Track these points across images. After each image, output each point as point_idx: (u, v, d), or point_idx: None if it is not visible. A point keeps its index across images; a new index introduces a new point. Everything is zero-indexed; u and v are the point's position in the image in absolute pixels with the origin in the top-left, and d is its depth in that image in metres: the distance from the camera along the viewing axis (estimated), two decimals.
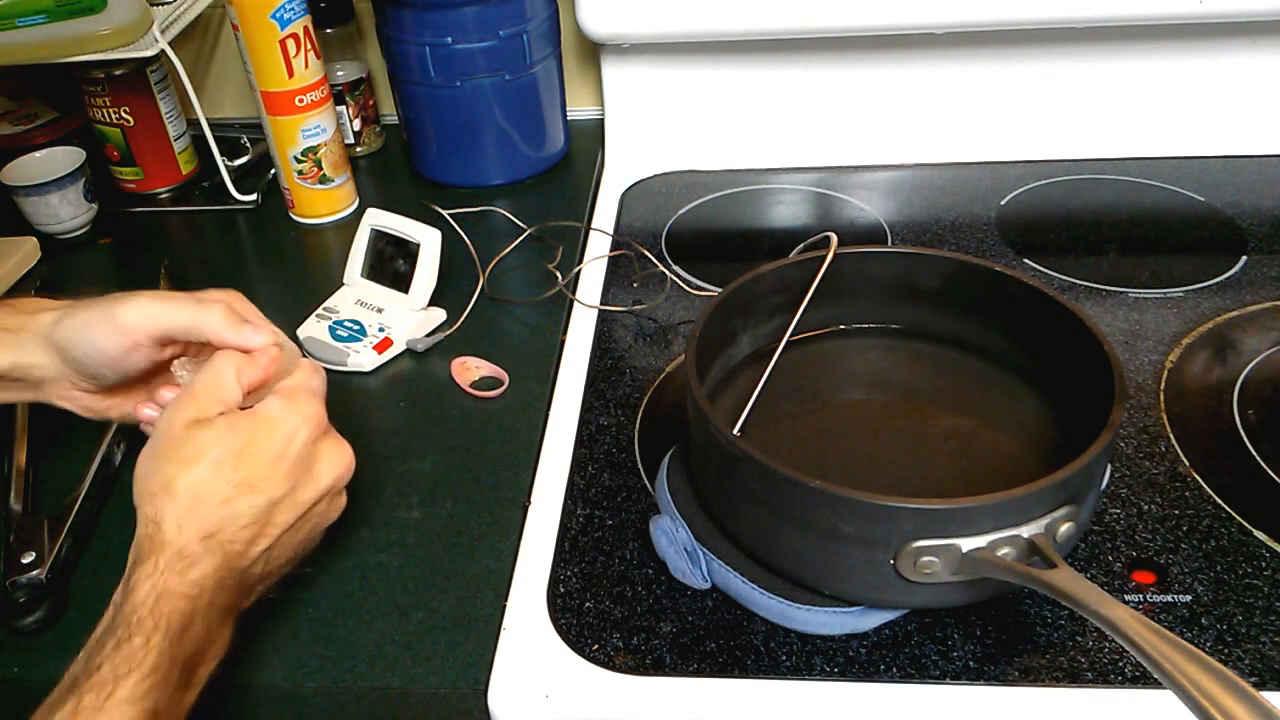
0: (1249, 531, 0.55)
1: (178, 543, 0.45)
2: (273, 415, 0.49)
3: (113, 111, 0.91)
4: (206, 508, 0.46)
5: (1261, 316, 0.72)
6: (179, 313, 0.51)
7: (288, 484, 0.48)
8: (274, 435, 0.48)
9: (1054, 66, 0.90)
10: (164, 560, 0.45)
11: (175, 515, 0.46)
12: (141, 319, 0.51)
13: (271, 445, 0.48)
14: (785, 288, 0.62)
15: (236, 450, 0.47)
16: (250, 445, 0.48)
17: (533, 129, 0.93)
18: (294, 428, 0.49)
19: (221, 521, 0.46)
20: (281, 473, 0.48)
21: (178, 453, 0.47)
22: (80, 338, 0.51)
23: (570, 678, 0.51)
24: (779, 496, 0.48)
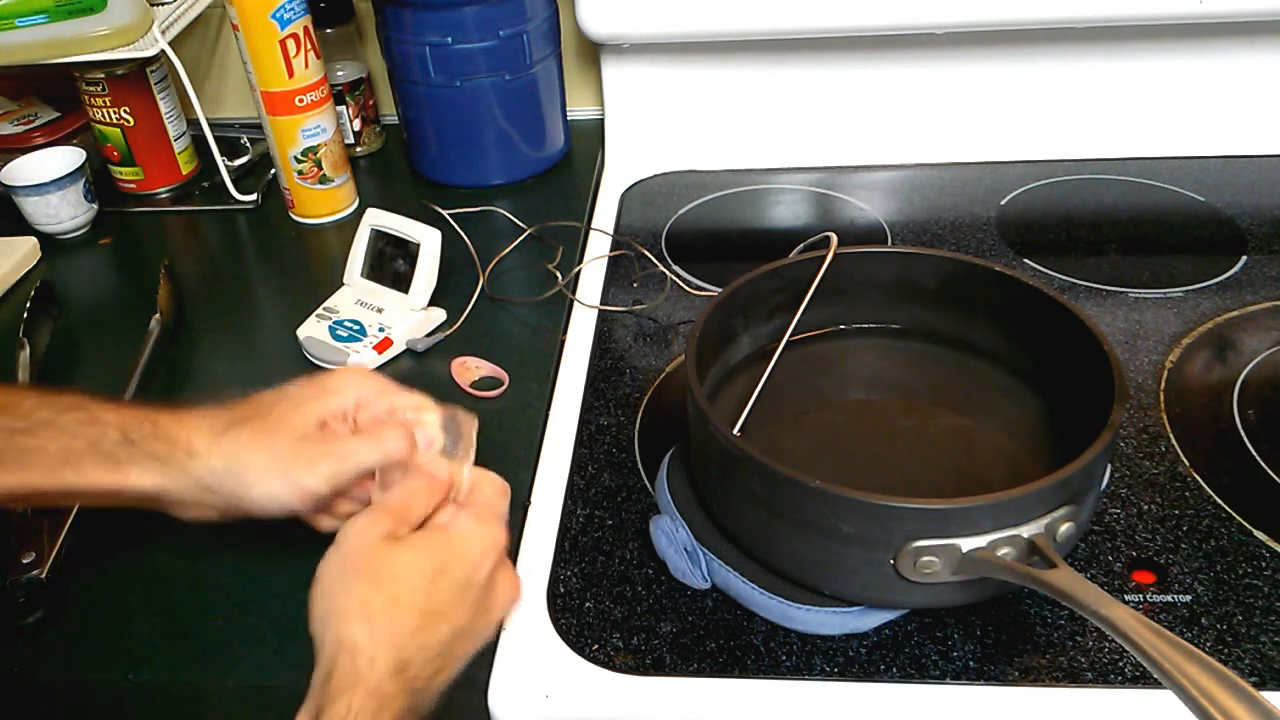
0: (1249, 531, 0.55)
1: (372, 680, 0.43)
2: (465, 537, 0.48)
3: (113, 111, 0.91)
4: (401, 637, 0.44)
5: (1261, 316, 0.72)
6: (361, 457, 0.50)
7: (471, 614, 0.47)
8: (464, 560, 0.47)
9: (1054, 66, 0.90)
10: (357, 701, 0.42)
11: (370, 645, 0.43)
12: (327, 486, 0.49)
13: (461, 571, 0.47)
14: (785, 288, 0.62)
15: (430, 575, 0.46)
16: (442, 571, 0.46)
17: (533, 129, 0.93)
18: (482, 553, 0.48)
19: (414, 654, 0.44)
20: (468, 602, 0.47)
21: (371, 570, 0.45)
22: (257, 491, 0.49)
23: (570, 678, 0.51)
24: (779, 496, 0.48)
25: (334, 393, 0.52)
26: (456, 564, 0.47)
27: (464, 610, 0.46)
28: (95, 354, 0.77)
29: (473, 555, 0.47)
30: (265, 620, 0.54)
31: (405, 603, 0.44)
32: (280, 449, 0.49)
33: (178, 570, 0.58)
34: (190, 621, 0.55)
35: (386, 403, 0.53)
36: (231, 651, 0.53)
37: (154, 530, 0.60)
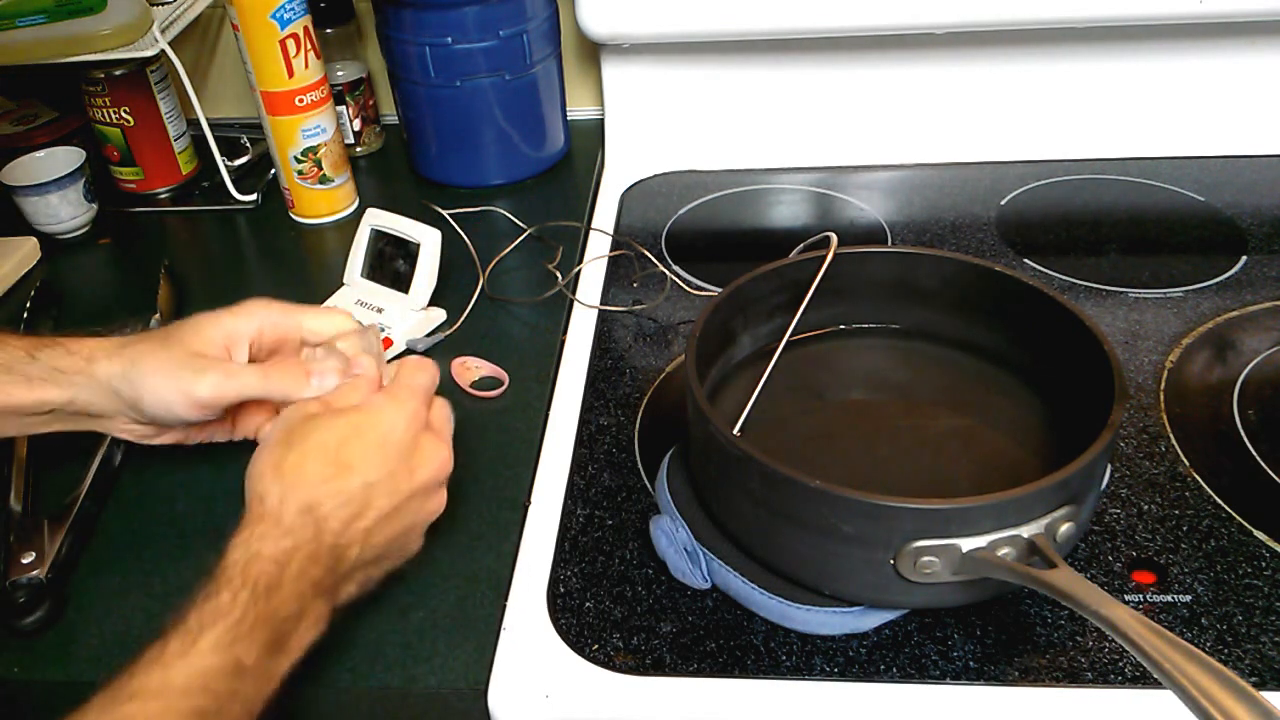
0: (1249, 531, 0.55)
1: (276, 513, 0.47)
2: (376, 407, 0.52)
3: (113, 111, 0.91)
4: (308, 484, 0.48)
5: (1261, 316, 0.72)
6: (246, 382, 0.54)
7: (385, 470, 0.50)
8: (376, 425, 0.51)
9: (1054, 66, 0.90)
10: (260, 529, 0.47)
11: (279, 490, 0.48)
12: (213, 396, 0.53)
13: (373, 434, 0.50)
14: (785, 288, 0.62)
15: (341, 437, 0.50)
16: (354, 434, 0.50)
17: (533, 129, 0.93)
18: (394, 420, 0.51)
19: (321, 497, 0.48)
20: (380, 458, 0.50)
21: (289, 440, 0.50)
22: (150, 396, 0.53)
23: (570, 678, 0.51)
24: (779, 496, 0.48)
25: (236, 315, 0.56)
26: (369, 427, 0.51)
27: (378, 465, 0.50)
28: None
29: (387, 420, 0.51)
30: None
31: (314, 456, 0.49)
32: (174, 358, 0.53)
33: (178, 570, 0.58)
34: None
35: (294, 321, 0.57)
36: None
37: (154, 530, 0.60)
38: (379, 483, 0.50)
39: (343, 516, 0.48)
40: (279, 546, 0.46)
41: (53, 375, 0.53)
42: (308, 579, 0.46)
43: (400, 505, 0.51)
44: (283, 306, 0.58)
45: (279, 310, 0.57)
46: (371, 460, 0.50)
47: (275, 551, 0.46)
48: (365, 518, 0.49)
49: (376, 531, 0.50)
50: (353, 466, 0.49)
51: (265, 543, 0.46)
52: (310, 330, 0.58)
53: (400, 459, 0.51)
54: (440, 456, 0.53)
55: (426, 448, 0.52)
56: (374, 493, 0.49)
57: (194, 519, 0.61)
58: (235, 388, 0.53)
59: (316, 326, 0.58)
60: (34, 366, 0.53)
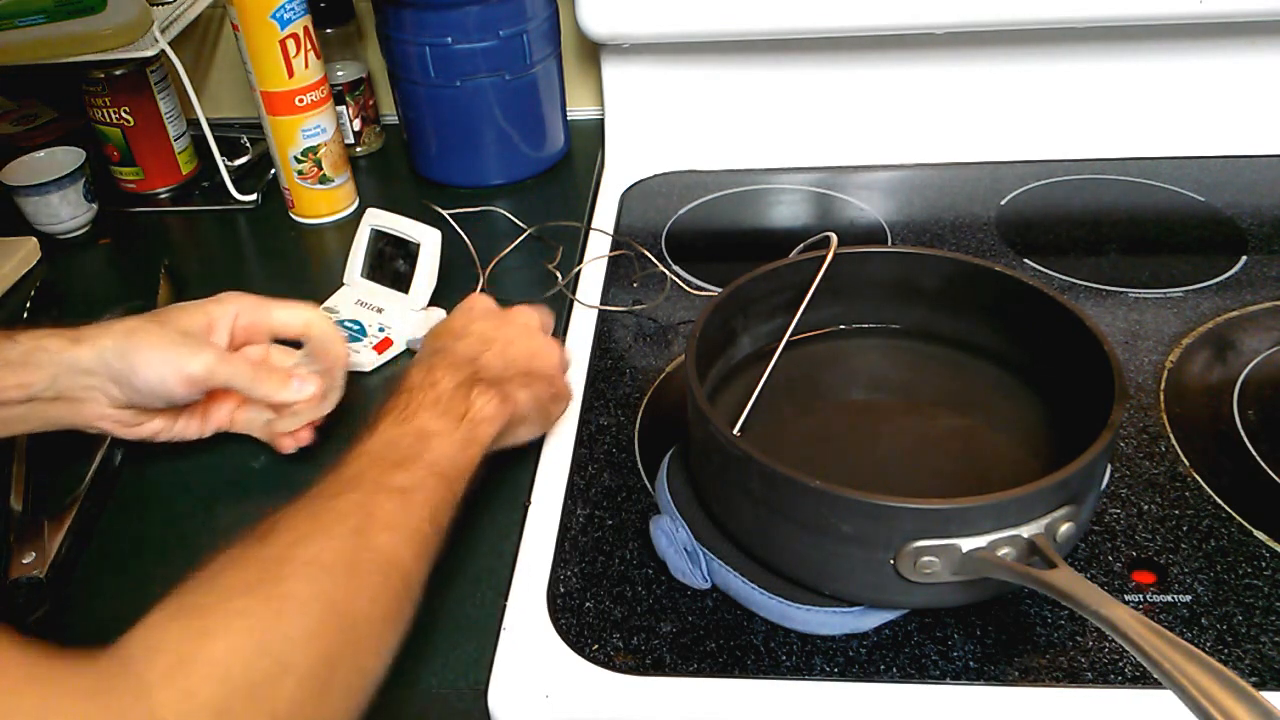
0: (1249, 531, 0.55)
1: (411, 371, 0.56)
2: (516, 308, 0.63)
3: (113, 111, 0.91)
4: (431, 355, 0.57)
5: (1261, 316, 0.72)
6: (236, 375, 0.57)
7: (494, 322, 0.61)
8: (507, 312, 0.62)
9: (1054, 66, 0.90)
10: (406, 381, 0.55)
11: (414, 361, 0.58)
12: (206, 374, 0.55)
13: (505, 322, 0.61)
14: (785, 288, 0.62)
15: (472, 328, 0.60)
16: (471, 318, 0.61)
17: (533, 129, 0.93)
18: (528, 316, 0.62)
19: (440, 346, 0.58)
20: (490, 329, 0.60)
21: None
22: (144, 368, 0.54)
23: (570, 678, 0.51)
24: (779, 496, 0.48)
25: (216, 301, 0.60)
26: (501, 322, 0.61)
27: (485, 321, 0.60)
28: None
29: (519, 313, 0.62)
30: None
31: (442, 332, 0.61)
32: (169, 335, 0.56)
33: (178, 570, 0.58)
34: None
35: (265, 311, 0.61)
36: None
37: (154, 530, 0.60)
38: (492, 328, 0.60)
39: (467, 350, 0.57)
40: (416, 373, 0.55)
41: (34, 354, 0.54)
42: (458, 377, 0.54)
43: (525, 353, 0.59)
44: (255, 299, 0.61)
45: (251, 302, 0.60)
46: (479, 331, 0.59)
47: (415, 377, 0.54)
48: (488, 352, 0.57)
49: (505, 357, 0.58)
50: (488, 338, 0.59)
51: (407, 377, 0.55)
52: (280, 321, 0.61)
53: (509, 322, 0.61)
54: (553, 347, 0.62)
55: (541, 338, 0.61)
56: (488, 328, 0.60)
57: (194, 519, 0.61)
58: (227, 371, 0.56)
59: (286, 318, 0.61)
60: (14, 349, 0.54)
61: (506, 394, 0.55)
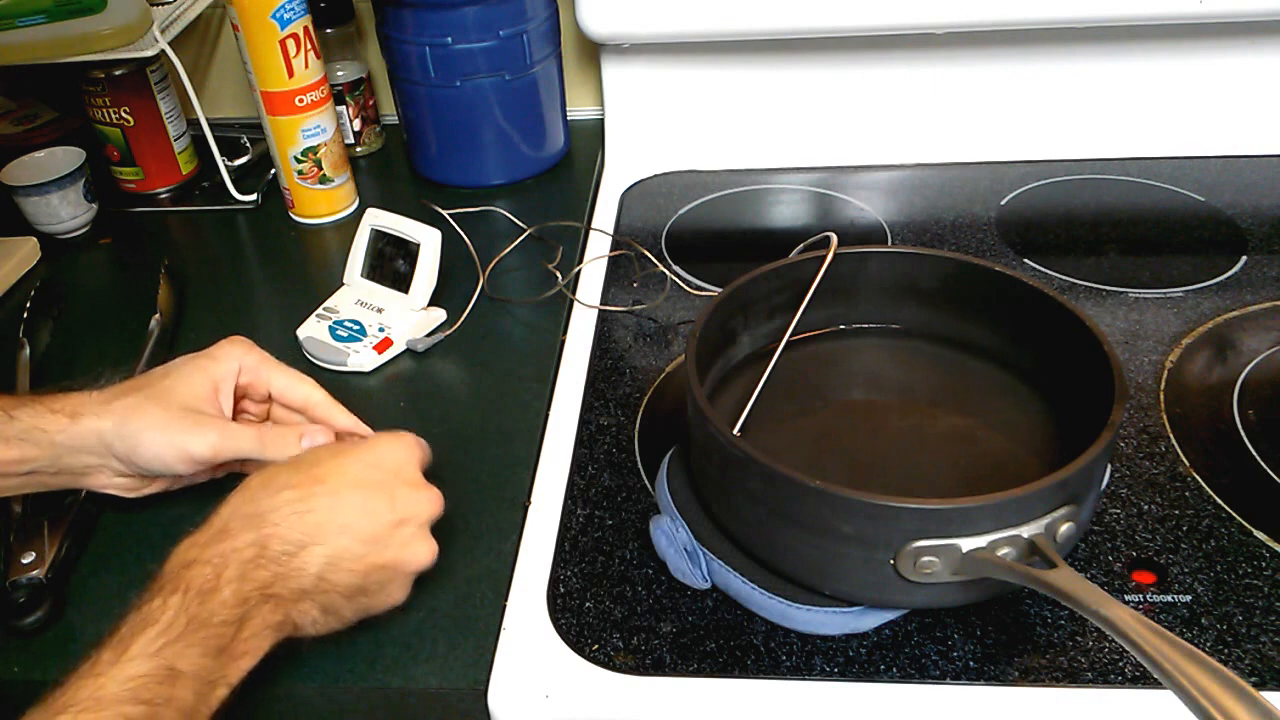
0: (1249, 531, 0.55)
1: (223, 520, 0.47)
2: (371, 439, 0.53)
3: (113, 111, 0.91)
4: (266, 493, 0.48)
5: (1261, 316, 0.72)
6: (242, 444, 0.54)
7: (361, 490, 0.49)
8: (366, 451, 0.51)
9: (1054, 66, 0.90)
10: (202, 536, 0.46)
11: (235, 501, 0.48)
12: (211, 455, 0.54)
13: (359, 457, 0.50)
14: (785, 288, 0.62)
15: (322, 457, 0.50)
16: (335, 454, 0.50)
17: (533, 129, 0.93)
18: (387, 450, 0.51)
19: (276, 504, 0.47)
20: (359, 478, 0.49)
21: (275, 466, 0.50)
22: (146, 451, 0.53)
23: (570, 678, 0.51)
24: (779, 496, 0.48)
25: (218, 360, 0.57)
26: (355, 451, 0.51)
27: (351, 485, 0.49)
28: (95, 354, 0.77)
29: (377, 449, 0.51)
30: None
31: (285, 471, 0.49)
32: (169, 415, 0.53)
33: None
34: None
35: (266, 374, 0.59)
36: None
37: (154, 530, 0.60)
38: (350, 500, 0.48)
39: (299, 525, 0.46)
40: (216, 549, 0.45)
41: (33, 434, 0.52)
42: (252, 582, 0.45)
43: (378, 534, 0.48)
44: (258, 356, 0.59)
45: (256, 358, 0.59)
46: (347, 478, 0.49)
47: (212, 554, 0.44)
48: (328, 530, 0.47)
49: (346, 554, 0.47)
50: (323, 479, 0.48)
51: (205, 549, 0.45)
52: (279, 390, 0.59)
53: (380, 486, 0.49)
54: (430, 494, 0.51)
55: (414, 481, 0.51)
56: (343, 507, 0.48)
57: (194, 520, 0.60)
58: (233, 447, 0.54)
59: (282, 387, 0.59)
60: (13, 426, 0.52)
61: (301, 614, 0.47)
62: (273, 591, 0.45)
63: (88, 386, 0.55)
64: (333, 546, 0.47)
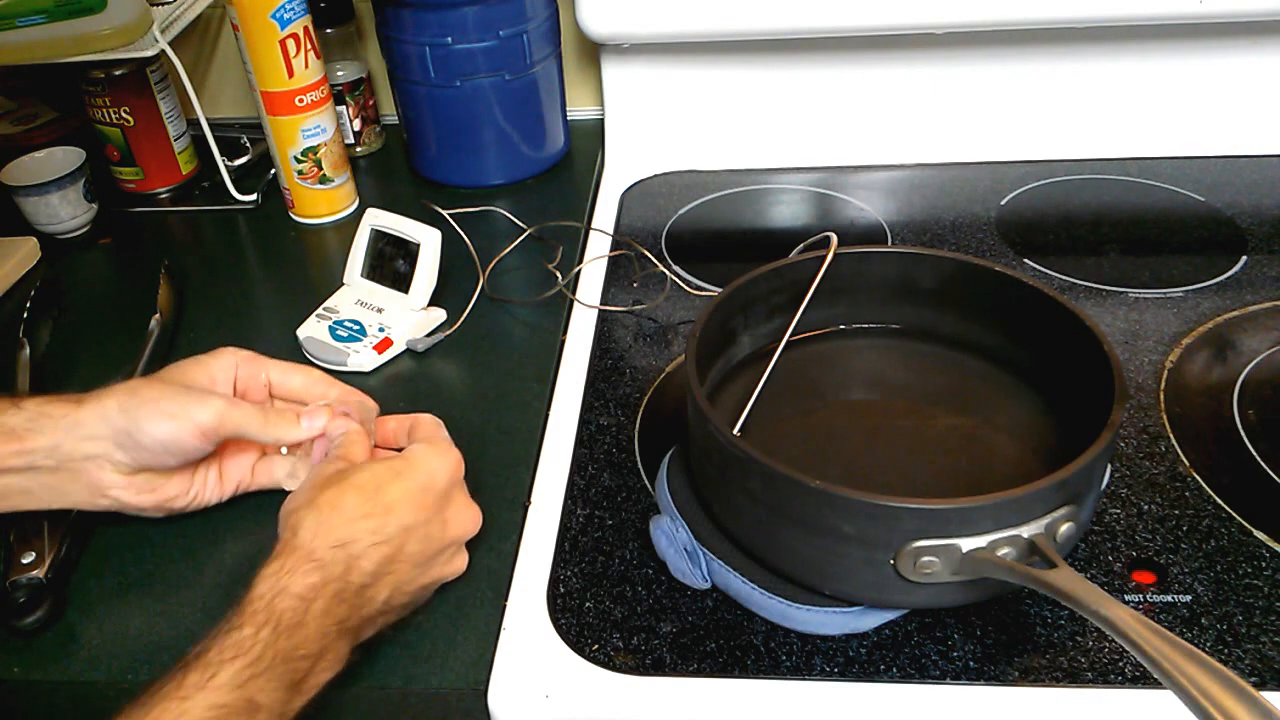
0: (1249, 531, 0.55)
1: (309, 547, 0.46)
2: (418, 454, 0.52)
3: (113, 111, 0.91)
4: (345, 519, 0.48)
5: (1261, 316, 0.72)
6: (247, 420, 0.54)
7: (423, 516, 0.50)
8: (419, 471, 0.51)
9: (1054, 66, 0.90)
10: (290, 562, 0.46)
11: (312, 524, 0.47)
12: (216, 423, 0.53)
13: (415, 479, 0.51)
14: (785, 288, 0.62)
15: (382, 479, 0.50)
16: (395, 476, 0.50)
17: (533, 129, 0.93)
18: (437, 468, 0.52)
19: (358, 534, 0.48)
20: (420, 504, 0.50)
21: (326, 481, 0.50)
22: (150, 425, 0.52)
23: (570, 678, 0.51)
24: (779, 496, 0.48)
25: (214, 357, 0.58)
26: (411, 472, 0.51)
27: (415, 510, 0.50)
28: (95, 354, 0.77)
29: (430, 467, 0.52)
30: None
31: (353, 493, 0.49)
32: (173, 389, 0.54)
33: (178, 570, 0.58)
34: (190, 622, 0.55)
35: (261, 367, 0.59)
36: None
37: (154, 530, 0.60)
38: (416, 528, 0.50)
39: (376, 557, 0.48)
40: (306, 582, 0.45)
41: (37, 423, 0.52)
42: (333, 617, 0.46)
43: (432, 556, 0.51)
44: (251, 354, 0.59)
45: (248, 356, 0.59)
46: (412, 504, 0.50)
47: (302, 587, 0.45)
48: (398, 561, 0.49)
49: (406, 577, 0.50)
50: (393, 508, 0.49)
51: (294, 577, 0.45)
52: (276, 380, 0.60)
53: (437, 508, 0.51)
54: (474, 514, 0.54)
55: (462, 502, 0.54)
56: (410, 537, 0.49)
57: (194, 519, 0.61)
58: (237, 417, 0.54)
59: (281, 379, 0.60)
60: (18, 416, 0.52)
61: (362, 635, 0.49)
62: (348, 626, 0.47)
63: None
64: (399, 575, 0.49)
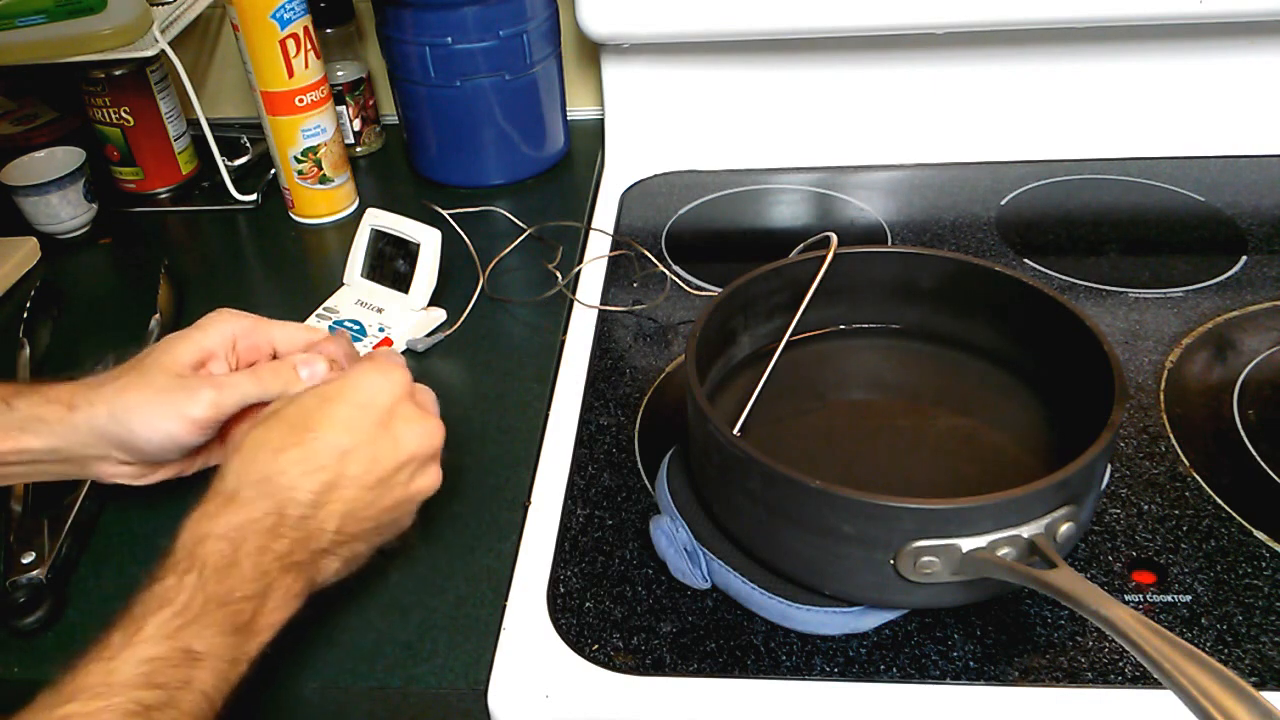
0: (1249, 531, 0.55)
1: (231, 488, 0.45)
2: (353, 376, 0.50)
3: (113, 111, 0.91)
4: (268, 454, 0.46)
5: (1261, 316, 0.72)
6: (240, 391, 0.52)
7: (362, 435, 0.47)
8: (353, 390, 0.49)
9: (1054, 66, 0.90)
10: (211, 507, 0.45)
11: (237, 465, 0.46)
12: (211, 414, 0.51)
13: (348, 399, 0.48)
14: (785, 288, 0.62)
15: (310, 406, 0.48)
16: (324, 400, 0.48)
17: (533, 129, 0.93)
18: (374, 384, 0.49)
19: (281, 466, 0.46)
20: (356, 423, 0.48)
21: (256, 421, 0.49)
22: (143, 429, 0.51)
23: (570, 678, 0.51)
24: (779, 496, 0.48)
25: (204, 330, 0.54)
26: (344, 393, 0.48)
27: (349, 432, 0.47)
28: (95, 354, 0.76)
29: (366, 385, 0.49)
30: None
31: (278, 427, 0.47)
32: (159, 386, 0.51)
33: None
34: None
35: (264, 334, 0.56)
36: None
37: (154, 530, 0.60)
38: (355, 449, 0.47)
39: (310, 486, 0.45)
40: (231, 522, 0.43)
41: (32, 424, 0.51)
42: (271, 554, 0.44)
43: (386, 476, 0.48)
44: (252, 318, 0.56)
45: (249, 321, 0.56)
46: (343, 426, 0.47)
47: (226, 528, 0.43)
48: (341, 486, 0.46)
49: (358, 502, 0.47)
50: (322, 434, 0.46)
51: (216, 520, 0.43)
52: (280, 344, 0.56)
53: (381, 427, 0.48)
54: (428, 426, 0.50)
55: (411, 415, 0.50)
56: (349, 460, 0.47)
57: None
58: (232, 398, 0.51)
59: (285, 337, 0.57)
60: (12, 416, 0.51)
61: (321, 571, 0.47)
62: (293, 560, 0.45)
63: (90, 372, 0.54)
64: (346, 501, 0.47)
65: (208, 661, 0.40)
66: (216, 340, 0.54)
